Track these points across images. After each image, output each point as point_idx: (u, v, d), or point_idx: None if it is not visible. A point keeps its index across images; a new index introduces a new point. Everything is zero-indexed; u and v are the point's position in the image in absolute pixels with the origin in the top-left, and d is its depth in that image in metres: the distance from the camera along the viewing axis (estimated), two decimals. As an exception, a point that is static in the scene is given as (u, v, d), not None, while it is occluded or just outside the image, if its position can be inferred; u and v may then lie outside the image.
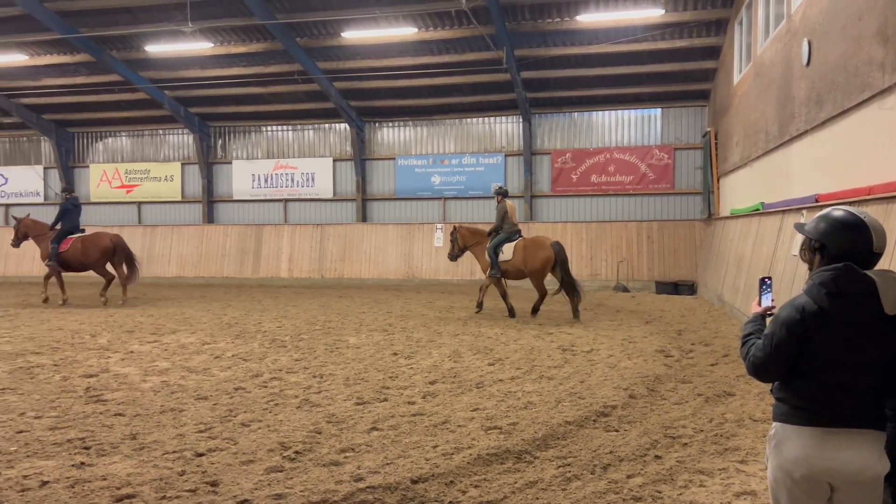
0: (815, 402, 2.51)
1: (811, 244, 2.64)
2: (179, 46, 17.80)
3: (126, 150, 23.64)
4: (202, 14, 16.23)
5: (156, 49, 18.02)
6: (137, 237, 22.32)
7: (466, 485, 4.36)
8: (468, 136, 21.01)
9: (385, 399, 6.50)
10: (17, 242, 15.28)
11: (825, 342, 2.48)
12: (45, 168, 24.02)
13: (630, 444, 5.10)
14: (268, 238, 21.49)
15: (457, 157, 20.88)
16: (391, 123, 21.55)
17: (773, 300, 2.89)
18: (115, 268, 14.63)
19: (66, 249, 14.33)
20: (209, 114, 22.09)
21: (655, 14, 15.32)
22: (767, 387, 2.82)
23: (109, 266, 14.71)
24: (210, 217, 22.68)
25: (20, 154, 24.51)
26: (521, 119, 20.05)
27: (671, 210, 19.42)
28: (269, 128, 22.47)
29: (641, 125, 19.76)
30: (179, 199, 23.03)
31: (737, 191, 14.54)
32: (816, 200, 8.43)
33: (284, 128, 22.35)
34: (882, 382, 2.49)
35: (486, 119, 20.85)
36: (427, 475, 4.48)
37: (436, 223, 20.23)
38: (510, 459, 4.81)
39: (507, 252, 12.28)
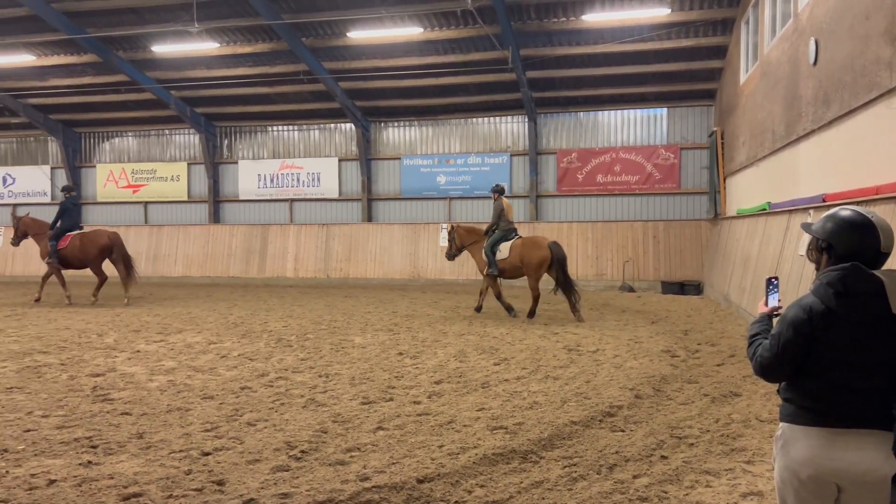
0: (823, 403, 2.50)
1: (818, 244, 2.62)
2: (186, 47, 17.85)
3: (132, 150, 23.73)
4: (208, 14, 16.28)
5: (162, 49, 18.07)
6: (144, 237, 22.44)
7: (472, 484, 4.35)
8: (473, 136, 21.00)
9: (391, 399, 6.51)
10: (17, 241, 15.37)
11: (832, 342, 2.47)
12: (53, 168, 24.13)
13: (636, 445, 5.09)
14: (273, 238, 21.54)
15: (462, 157, 20.87)
16: (397, 123, 21.56)
17: (780, 300, 2.87)
18: (115, 266, 14.71)
19: (65, 246, 14.42)
20: (215, 114, 22.15)
21: (661, 13, 15.28)
22: (774, 387, 2.81)
23: (107, 266, 14.80)
24: (216, 217, 22.75)
25: (27, 154, 24.64)
26: (527, 119, 20.03)
27: (677, 210, 19.37)
28: (275, 128, 22.51)
29: (647, 125, 19.71)
30: (185, 199, 23.11)
31: (743, 190, 14.49)
32: (823, 200, 8.39)
33: (290, 128, 22.39)
34: (889, 383, 2.47)
35: (492, 119, 20.84)
36: (433, 475, 4.48)
37: (441, 223, 20.22)
38: (516, 459, 4.80)
39: (504, 251, 12.29)
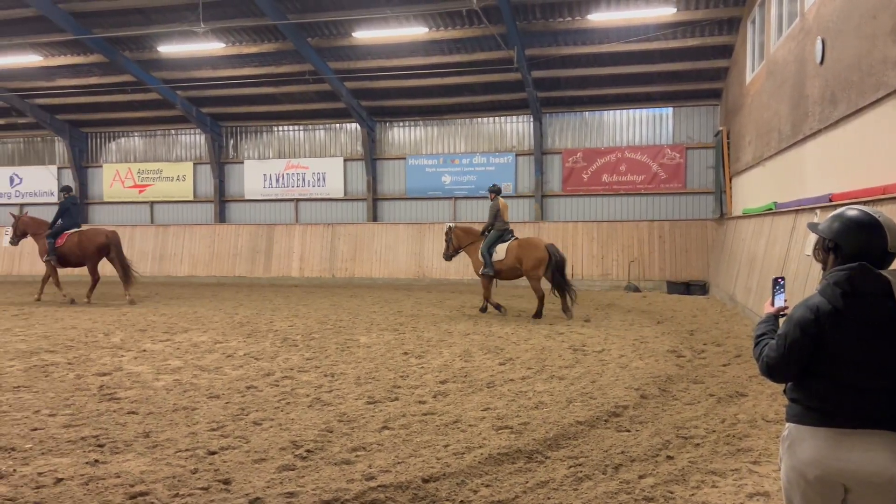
0: (829, 403, 2.49)
1: (825, 244, 2.62)
2: (191, 47, 17.89)
3: (139, 150, 23.80)
4: (214, 14, 16.32)
5: (168, 49, 18.12)
6: (150, 237, 22.51)
7: (477, 484, 4.36)
8: (479, 136, 21.00)
9: (396, 398, 6.51)
10: (16, 240, 15.49)
11: (839, 342, 2.46)
12: (59, 168, 24.21)
13: (642, 445, 5.09)
14: (279, 237, 21.58)
15: (467, 157, 20.87)
16: (402, 123, 21.57)
17: (786, 300, 2.87)
18: (113, 265, 14.80)
19: (63, 244, 14.56)
20: (221, 114, 22.20)
21: (667, 13, 15.24)
22: (780, 387, 2.80)
23: (106, 267, 14.88)
24: (222, 217, 22.80)
25: (34, 154, 24.74)
26: (532, 118, 20.01)
27: (683, 210, 19.32)
28: (281, 128, 22.55)
29: (653, 124, 19.67)
30: (191, 199, 23.16)
31: (749, 190, 14.45)
32: (830, 200, 8.36)
33: (296, 128, 22.42)
34: (897, 383, 2.47)
35: (497, 118, 20.83)
36: (438, 474, 4.48)
37: (446, 223, 20.20)
38: (521, 459, 4.80)
39: (501, 252, 12.33)
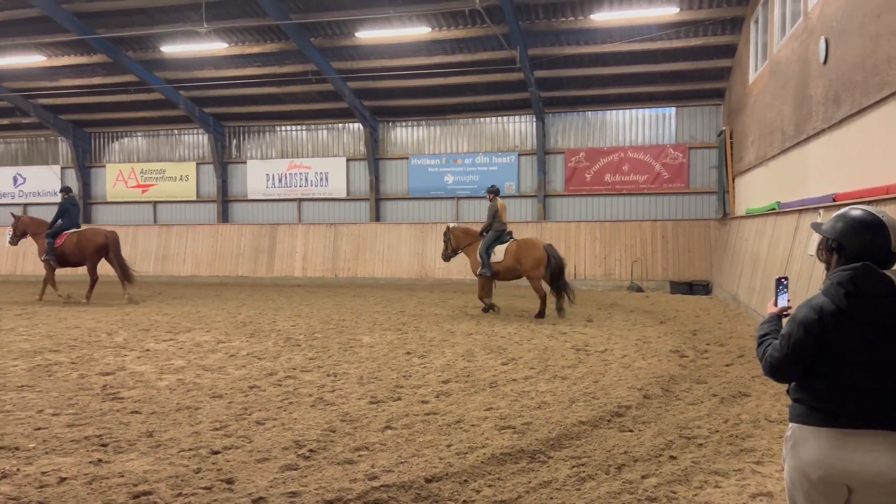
0: (833, 403, 2.48)
1: (828, 244, 2.61)
2: (194, 47, 17.92)
3: (142, 150, 23.83)
4: (217, 14, 16.33)
5: (171, 50, 18.14)
6: (153, 236, 22.55)
7: (480, 484, 4.36)
8: (481, 136, 20.99)
9: (399, 398, 6.52)
10: (16, 240, 15.55)
11: (843, 342, 2.46)
12: (63, 168, 24.25)
13: (645, 445, 5.08)
14: (282, 237, 21.59)
15: (470, 157, 20.87)
16: (404, 123, 21.57)
17: (790, 300, 2.87)
18: (111, 265, 14.83)
19: (62, 244, 14.62)
20: (224, 114, 22.22)
21: (670, 12, 15.23)
22: (783, 387, 2.80)
23: (104, 268, 14.92)
24: (225, 216, 22.82)
25: (38, 154, 24.79)
26: (535, 118, 20.00)
27: (686, 209, 19.30)
28: (284, 128, 22.57)
29: (656, 124, 19.65)
30: (194, 199, 23.19)
31: (752, 190, 14.43)
32: (834, 200, 8.34)
33: (298, 128, 22.44)
34: (901, 383, 2.46)
35: (500, 118, 20.82)
36: (441, 474, 4.48)
37: (449, 223, 20.20)
38: (524, 459, 4.80)
39: (499, 253, 12.39)
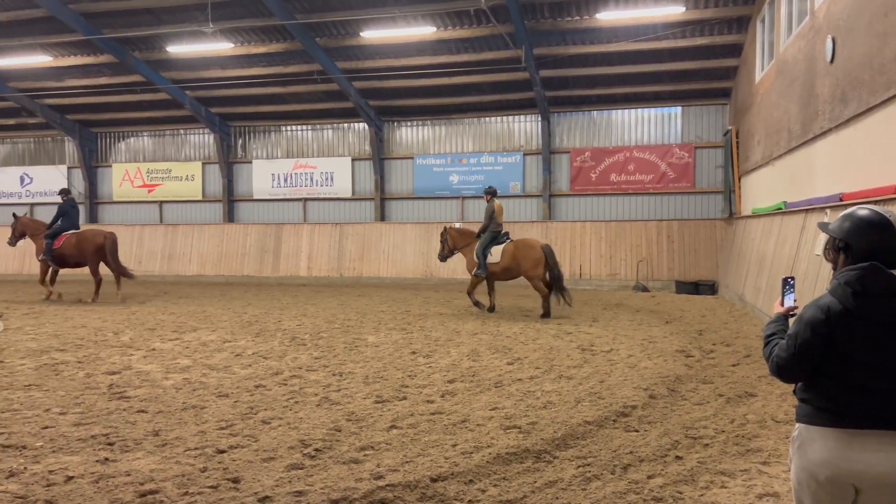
0: (840, 404, 2.48)
1: (835, 243, 2.60)
2: (200, 47, 17.96)
3: (148, 150, 23.91)
4: (223, 15, 16.37)
5: (177, 50, 18.19)
6: (159, 236, 22.62)
7: (486, 483, 4.35)
8: (486, 135, 20.99)
9: (404, 397, 6.52)
10: (14, 241, 15.64)
11: (850, 342, 2.45)
12: (69, 168, 24.36)
13: (650, 445, 5.07)
14: (287, 237, 21.63)
15: (475, 157, 20.86)
16: (410, 123, 21.58)
17: (796, 300, 2.86)
18: (107, 265, 14.86)
19: (61, 245, 14.69)
20: (229, 114, 22.27)
21: (676, 11, 15.19)
22: (790, 388, 2.79)
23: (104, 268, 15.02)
24: (230, 216, 22.87)
25: (45, 154, 24.89)
26: (540, 118, 19.98)
27: (692, 209, 19.25)
28: (289, 127, 22.60)
29: (661, 124, 19.60)
30: (200, 199, 23.25)
31: (758, 190, 14.38)
32: (840, 199, 8.31)
33: (304, 127, 22.47)
34: (908, 384, 2.45)
35: (505, 118, 20.81)
36: (446, 474, 4.49)
37: (454, 222, 20.21)
38: (529, 459, 4.80)
39: (496, 254, 12.48)
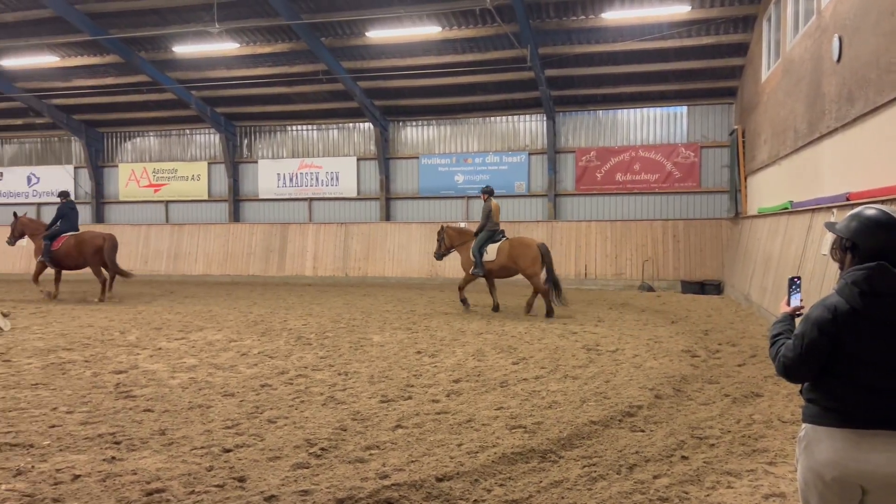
0: (846, 404, 2.47)
1: (842, 243, 2.59)
2: (206, 47, 18.00)
3: (154, 150, 23.99)
4: (228, 15, 16.41)
5: (183, 50, 18.24)
6: (165, 236, 22.70)
7: (491, 483, 4.36)
8: (492, 135, 20.98)
9: (409, 397, 6.52)
10: (13, 241, 15.70)
11: (857, 342, 2.44)
12: (76, 167, 24.46)
13: (656, 445, 5.07)
14: (293, 237, 21.67)
15: (480, 156, 20.85)
16: (415, 122, 21.59)
17: (802, 300, 2.85)
18: (104, 266, 14.87)
19: (60, 247, 14.74)
20: (235, 113, 22.32)
21: (682, 11, 15.16)
22: (796, 388, 2.79)
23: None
24: (236, 216, 22.93)
25: (51, 154, 25.00)
26: (545, 117, 19.96)
27: (697, 209, 19.20)
28: (294, 127, 22.64)
29: (667, 123, 19.56)
30: (206, 198, 23.32)
31: (765, 189, 14.34)
32: (847, 199, 8.28)
33: (309, 127, 22.50)
34: (915, 384, 2.44)
35: (510, 117, 20.79)
36: (452, 473, 4.49)
37: (459, 222, 20.21)
38: (535, 458, 4.80)
39: (492, 252, 12.57)
